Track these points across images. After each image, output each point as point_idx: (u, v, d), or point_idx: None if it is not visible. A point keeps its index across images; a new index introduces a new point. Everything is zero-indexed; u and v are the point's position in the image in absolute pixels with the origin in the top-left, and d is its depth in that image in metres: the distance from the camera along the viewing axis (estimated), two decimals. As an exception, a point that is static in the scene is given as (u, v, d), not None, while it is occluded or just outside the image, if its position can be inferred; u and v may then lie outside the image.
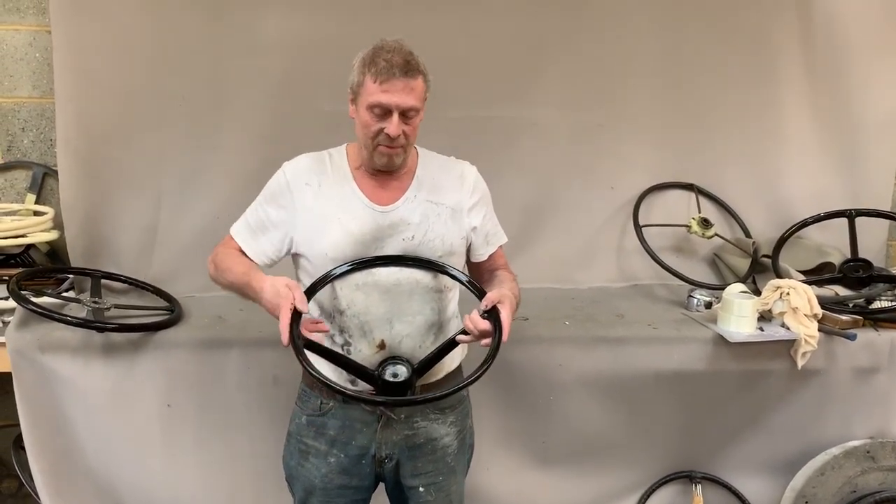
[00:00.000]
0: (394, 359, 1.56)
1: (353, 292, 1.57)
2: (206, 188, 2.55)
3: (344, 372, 1.60)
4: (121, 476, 2.19)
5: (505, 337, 1.47)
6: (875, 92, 2.85)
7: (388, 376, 1.53)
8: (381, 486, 1.75)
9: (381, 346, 1.58)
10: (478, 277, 1.71)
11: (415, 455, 1.66)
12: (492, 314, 1.49)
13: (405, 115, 1.50)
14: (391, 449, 1.65)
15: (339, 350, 1.59)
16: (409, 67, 1.47)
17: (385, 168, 1.57)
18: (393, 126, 1.48)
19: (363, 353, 1.59)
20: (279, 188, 1.62)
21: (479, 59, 2.63)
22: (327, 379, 1.45)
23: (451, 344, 1.55)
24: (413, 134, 1.55)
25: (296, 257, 1.66)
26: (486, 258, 1.71)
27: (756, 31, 2.78)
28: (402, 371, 1.53)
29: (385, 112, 1.48)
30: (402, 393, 1.53)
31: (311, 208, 1.58)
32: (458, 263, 1.66)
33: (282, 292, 1.43)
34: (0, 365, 2.11)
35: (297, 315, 1.42)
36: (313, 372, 1.42)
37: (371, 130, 1.51)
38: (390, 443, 1.64)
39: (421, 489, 1.67)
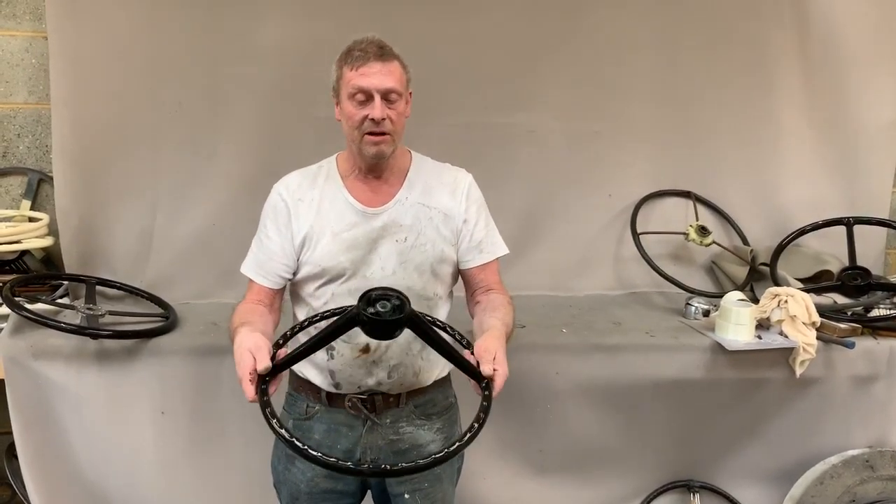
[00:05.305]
0: (380, 292, 1.28)
1: (344, 299, 1.55)
2: (202, 195, 2.54)
3: (329, 377, 1.59)
4: (114, 483, 2.18)
5: (495, 393, 1.34)
6: (871, 101, 2.86)
7: (371, 312, 1.24)
8: (369, 493, 1.73)
9: (365, 350, 1.57)
10: (471, 290, 1.68)
11: (399, 461, 1.64)
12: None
13: (387, 98, 1.50)
14: (376, 454, 1.63)
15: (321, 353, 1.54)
16: (383, 52, 1.50)
17: (376, 159, 1.55)
18: (376, 109, 1.49)
19: (344, 357, 1.57)
20: (274, 208, 1.61)
21: (477, 66, 2.64)
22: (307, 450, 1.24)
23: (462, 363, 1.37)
24: (399, 122, 1.54)
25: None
26: (476, 266, 1.66)
27: (754, 40, 2.79)
28: (388, 306, 1.26)
29: (367, 97, 1.50)
30: (391, 330, 1.27)
31: (306, 222, 1.58)
32: (448, 272, 1.63)
33: (243, 358, 1.33)
34: (-7, 372, 2.10)
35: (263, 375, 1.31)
36: (280, 430, 1.27)
37: (355, 120, 1.51)
38: (375, 447, 1.63)
39: (406, 496, 1.65)
